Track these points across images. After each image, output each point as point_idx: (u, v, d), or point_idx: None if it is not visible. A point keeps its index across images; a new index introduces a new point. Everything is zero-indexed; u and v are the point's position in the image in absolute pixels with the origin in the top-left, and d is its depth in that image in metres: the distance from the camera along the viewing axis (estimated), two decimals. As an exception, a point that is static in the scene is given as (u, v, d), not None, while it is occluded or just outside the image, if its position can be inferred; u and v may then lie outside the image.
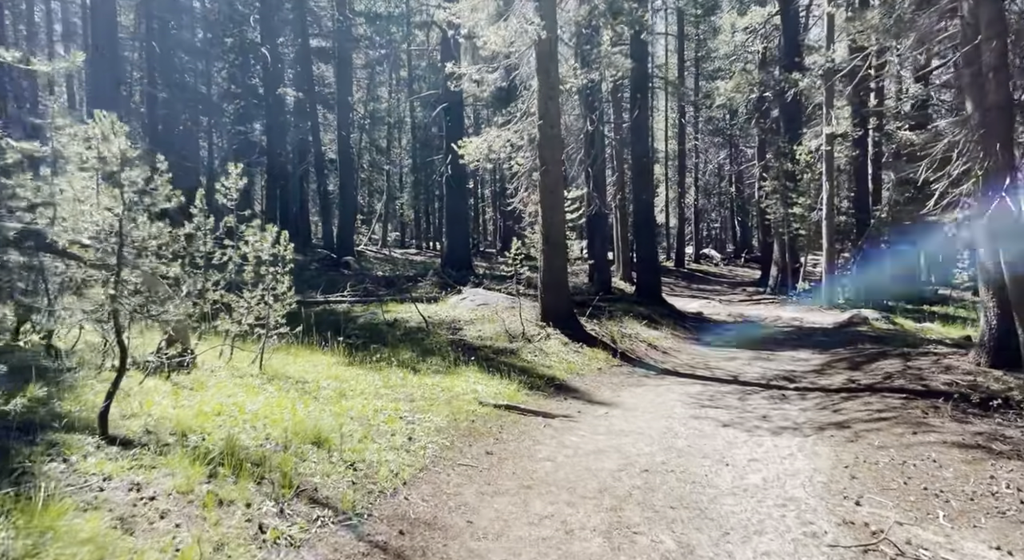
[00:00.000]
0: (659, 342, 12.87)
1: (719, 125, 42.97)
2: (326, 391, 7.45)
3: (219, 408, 5.78)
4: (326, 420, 5.77)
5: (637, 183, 17.59)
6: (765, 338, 14.94)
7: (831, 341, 13.75)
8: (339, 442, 5.29)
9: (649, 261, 17.38)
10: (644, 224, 17.43)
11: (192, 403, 5.91)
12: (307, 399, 6.84)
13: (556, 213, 12.02)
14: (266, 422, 5.62)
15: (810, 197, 20.91)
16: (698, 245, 44.24)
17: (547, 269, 12.03)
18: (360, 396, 7.45)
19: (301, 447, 5.05)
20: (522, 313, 12.21)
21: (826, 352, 12.29)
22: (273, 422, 5.67)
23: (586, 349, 11.26)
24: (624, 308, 15.49)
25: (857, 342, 13.15)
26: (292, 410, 6.17)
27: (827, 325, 16.43)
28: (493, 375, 9.20)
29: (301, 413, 6.15)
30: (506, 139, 12.58)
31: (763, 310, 20.08)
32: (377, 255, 33.69)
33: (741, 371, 10.72)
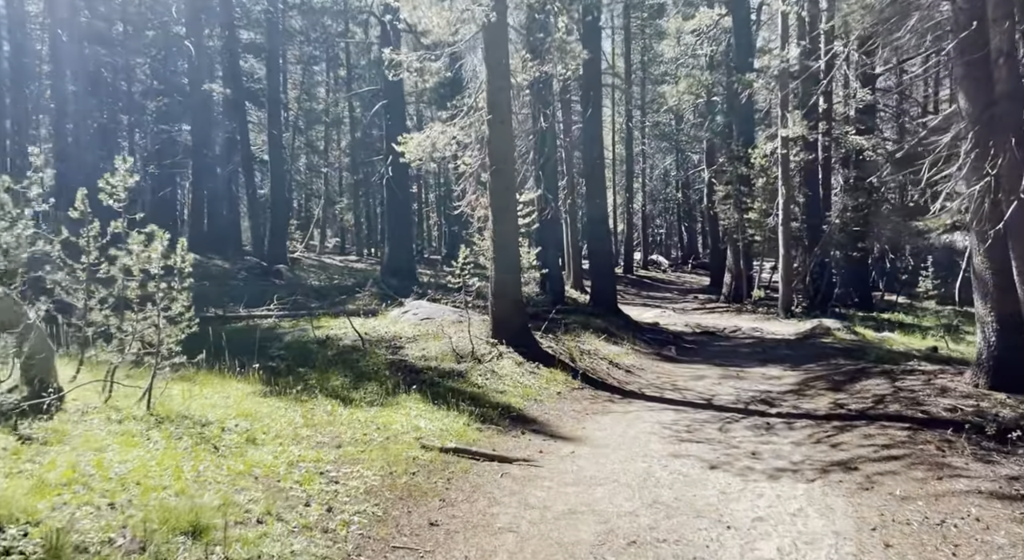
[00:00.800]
0: (621, 359, 11.80)
1: (665, 130, 42.63)
2: (231, 435, 6.04)
3: (71, 474, 4.34)
4: (211, 496, 4.36)
5: (590, 186, 16.58)
6: (728, 351, 14.06)
7: (798, 355, 12.94)
8: (224, 529, 3.89)
9: (604, 269, 16.37)
10: (598, 230, 16.42)
11: (36, 467, 4.45)
12: (202, 450, 5.42)
13: (507, 218, 10.82)
14: (134, 494, 4.22)
15: (765, 202, 20.32)
16: (646, 251, 43.79)
17: (498, 279, 10.82)
18: (274, 441, 6.06)
19: (168, 542, 3.65)
20: (471, 329, 10.97)
21: (798, 368, 11.42)
22: (145, 493, 4.26)
23: (543, 369, 10.07)
24: (581, 320, 14.39)
25: (826, 356, 12.37)
26: (176, 471, 4.76)
27: (789, 336, 15.71)
28: (439, 405, 7.91)
29: (188, 475, 4.75)
30: (451, 136, 11.32)
31: (720, 320, 19.32)
32: (314, 263, 31.86)
33: (713, 392, 9.71)
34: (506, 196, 10.76)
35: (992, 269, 7.70)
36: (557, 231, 17.03)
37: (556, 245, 16.93)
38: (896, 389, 8.33)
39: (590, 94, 16.08)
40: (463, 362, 10.03)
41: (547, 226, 16.01)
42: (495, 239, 10.78)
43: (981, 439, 6.33)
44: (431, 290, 17.28)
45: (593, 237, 16.61)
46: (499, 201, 10.73)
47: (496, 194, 10.72)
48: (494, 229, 10.80)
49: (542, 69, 11.85)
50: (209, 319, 13.52)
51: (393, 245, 19.36)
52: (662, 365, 12.12)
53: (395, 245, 19.37)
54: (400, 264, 18.99)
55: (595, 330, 13.62)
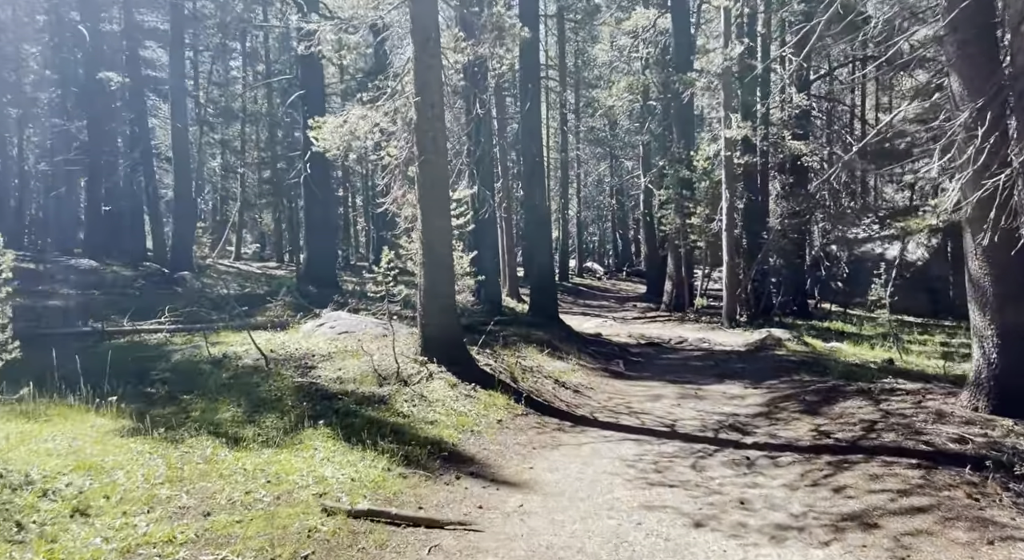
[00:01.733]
0: (567, 377, 10.48)
1: (600, 136, 42.01)
2: (53, 503, 4.38)
3: None
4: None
5: (528, 186, 15.31)
6: (679, 365, 12.99)
7: (754, 369, 11.95)
8: None
9: (544, 276, 15.11)
10: (538, 233, 15.15)
11: None
12: (-5, 536, 3.76)
13: (439, 216, 9.37)
14: None
15: (708, 206, 19.54)
16: (581, 258, 43.02)
17: (429, 287, 9.34)
18: (115, 510, 4.43)
19: None
20: (396, 344, 9.45)
21: (759, 385, 10.38)
22: None
23: (481, 392, 8.63)
24: (520, 332, 13.04)
25: (785, 371, 11.41)
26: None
27: (739, 347, 14.79)
28: (353, 443, 6.38)
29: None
30: (374, 123, 9.78)
31: (664, 330, 18.35)
32: (229, 270, 29.44)
33: (674, 416, 8.50)
34: (437, 191, 9.31)
35: (993, 275, 6.75)
36: (494, 233, 15.66)
37: (493, 249, 15.56)
38: (884, 413, 7.30)
39: (528, 86, 14.81)
40: (386, 385, 8.50)
41: (483, 228, 14.65)
42: (424, 240, 9.30)
43: (1009, 480, 5.28)
44: (354, 300, 15.60)
45: (532, 242, 15.32)
46: (429, 197, 9.27)
47: (426, 188, 9.25)
48: (423, 229, 9.32)
49: (477, 50, 10.47)
50: (85, 335, 11.52)
51: (312, 250, 17.55)
52: (612, 383, 10.87)
53: (315, 250, 17.56)
54: (320, 271, 17.20)
55: (537, 343, 12.28)
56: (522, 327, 13.95)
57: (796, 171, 23.36)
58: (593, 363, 12.21)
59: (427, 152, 9.16)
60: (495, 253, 15.65)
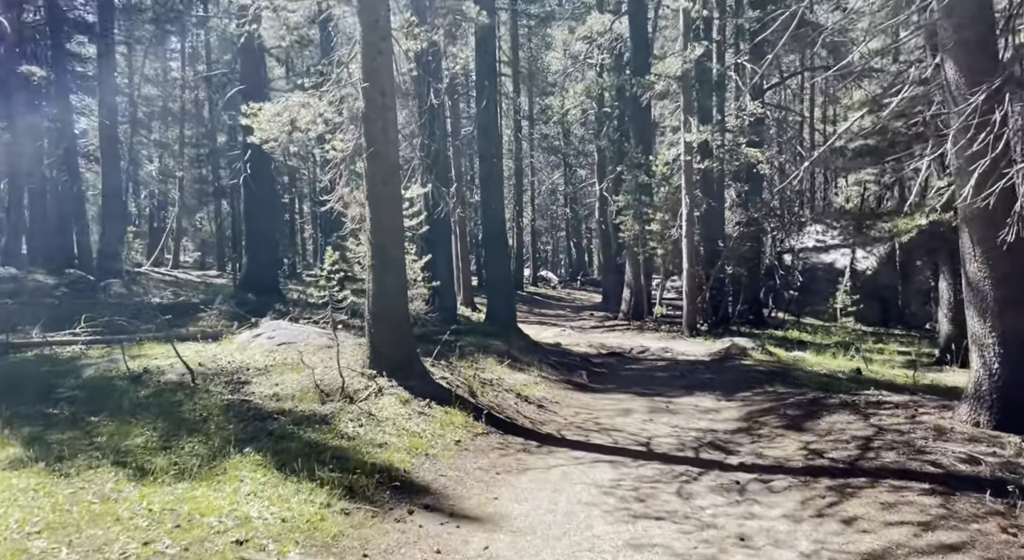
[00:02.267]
0: (530, 390, 9.68)
1: (554, 143, 41.60)
2: None
3: None
4: None
5: (485, 190, 14.54)
6: (644, 376, 12.34)
7: (724, 380, 11.37)
8: None
9: (502, 283, 14.32)
10: (495, 238, 14.37)
11: None
12: None
13: (390, 215, 8.49)
14: None
15: (667, 213, 19.08)
16: (535, 267, 42.45)
17: (379, 294, 8.44)
18: (-34, 575, 3.44)
19: None
20: (342, 356, 8.51)
21: (732, 397, 9.77)
22: None
23: (436, 409, 7.77)
24: (478, 342, 12.20)
25: (756, 381, 10.85)
26: None
27: (703, 357, 14.25)
28: (287, 474, 5.45)
29: None
30: (318, 112, 8.87)
31: (623, 339, 17.76)
32: (165, 278, 27.78)
33: (648, 433, 7.79)
34: (388, 187, 8.43)
35: (994, 278, 6.25)
36: (448, 237, 14.81)
37: (447, 254, 14.71)
38: (878, 430, 6.71)
39: (484, 84, 14.06)
40: (329, 402, 7.56)
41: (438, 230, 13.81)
42: (374, 241, 8.40)
43: (1036, 506, 4.69)
44: (297, 309, 14.52)
45: (489, 247, 14.54)
46: (379, 193, 8.38)
47: (375, 184, 8.36)
48: (372, 229, 8.42)
49: (431, 37, 9.67)
50: (-14, 348, 10.20)
51: (253, 255, 16.38)
52: (577, 396, 10.12)
53: (255, 255, 16.39)
54: (261, 278, 16.03)
55: (496, 354, 11.46)
56: (479, 337, 13.12)
57: (751, 179, 23.21)
58: (555, 375, 11.45)
59: (377, 143, 8.28)
60: (449, 258, 14.80)
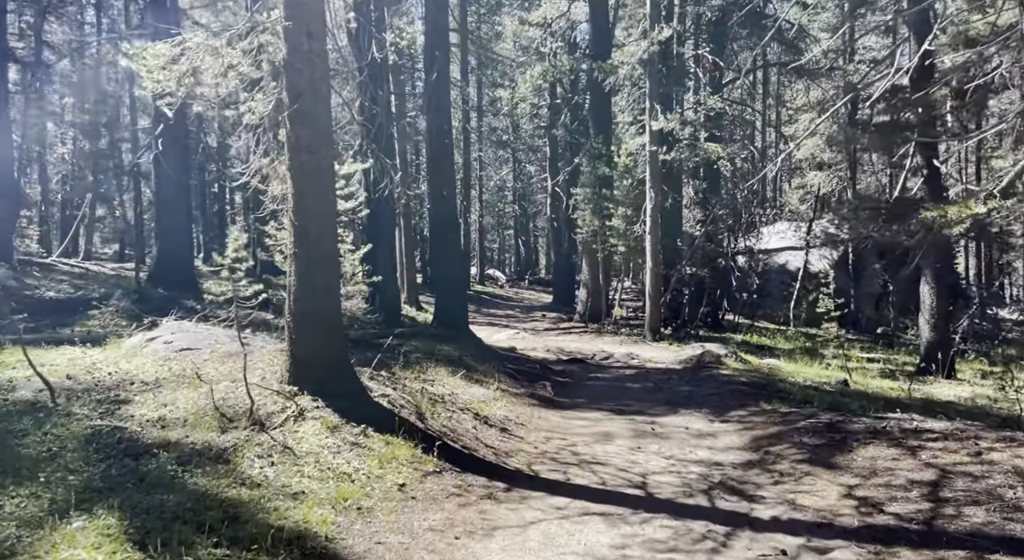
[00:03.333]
0: (490, 408, 8.05)
1: (503, 138, 40.03)
2: None
3: None
4: None
5: (435, 175, 12.84)
6: (615, 388, 10.88)
7: (706, 393, 10.00)
8: None
9: (453, 281, 12.63)
10: (445, 228, 12.68)
11: None
12: None
13: (319, 192, 6.75)
14: None
15: (630, 207, 17.75)
16: (482, 266, 40.82)
17: (303, 290, 6.68)
18: None
19: None
20: (256, 367, 6.76)
21: (726, 417, 8.38)
22: None
23: (374, 437, 6.07)
24: (425, 348, 10.53)
25: (744, 397, 9.53)
26: None
27: (674, 365, 12.91)
28: (154, 545, 3.70)
29: None
30: (228, 63, 7.03)
31: (583, 343, 16.32)
32: (74, 269, 25.01)
33: (640, 467, 6.28)
34: (316, 157, 6.68)
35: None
36: (391, 226, 13.05)
37: (390, 246, 12.95)
38: (939, 472, 5.34)
39: (435, 54, 12.34)
40: (233, 430, 5.79)
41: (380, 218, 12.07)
42: (297, 224, 6.64)
43: None
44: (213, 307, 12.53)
45: (438, 239, 12.83)
46: (304, 164, 6.62)
47: (299, 152, 6.60)
48: (295, 209, 6.65)
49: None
50: None
51: (164, 245, 14.23)
52: (545, 414, 8.55)
53: (167, 245, 14.24)
54: (173, 271, 13.89)
55: (447, 362, 9.81)
56: (427, 341, 11.42)
57: (708, 176, 22.18)
58: (517, 387, 9.85)
59: (302, 100, 6.52)
60: (392, 251, 13.04)
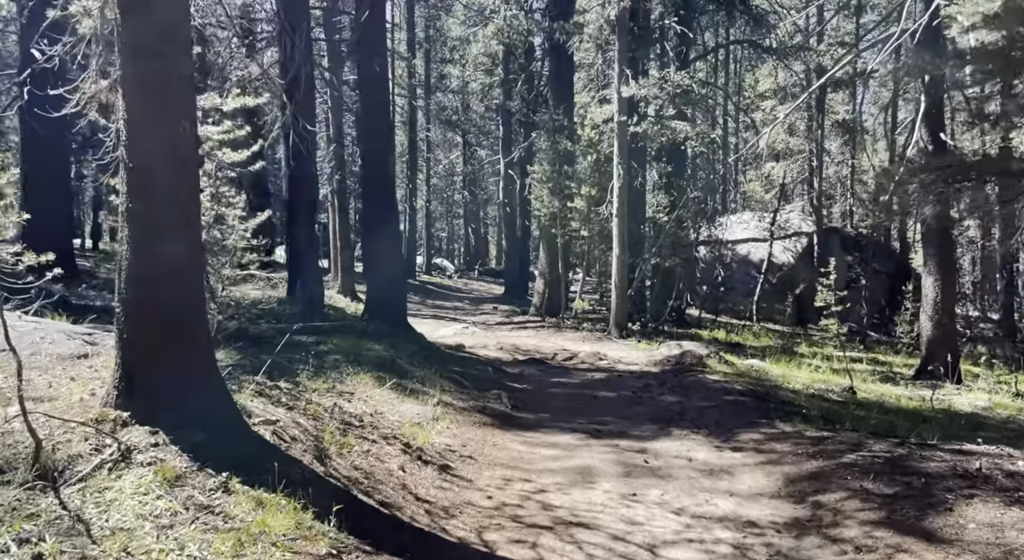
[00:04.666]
0: (427, 435, 5.87)
1: (452, 118, 37.62)
2: None
3: None
4: None
5: (367, 131, 10.58)
6: (586, 396, 8.85)
7: (699, 406, 8.07)
8: None
9: (388, 265, 10.37)
10: (380, 208, 10.44)
11: None
12: None
13: (168, 121, 4.47)
14: None
15: (595, 186, 15.76)
16: (429, 255, 38.41)
17: (140, 267, 4.43)
18: None
19: None
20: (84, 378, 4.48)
21: (738, 442, 6.42)
22: None
23: (239, 493, 3.86)
24: (348, 347, 8.30)
25: (749, 411, 7.65)
26: None
27: (651, 367, 11.00)
28: None
29: None
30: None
31: (541, 340, 14.29)
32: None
33: (644, 535, 4.23)
34: (165, 66, 4.41)
35: None
36: (314, 200, 10.73)
37: (311, 222, 10.63)
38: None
39: (370, -11, 10.05)
40: (3, 489, 3.53)
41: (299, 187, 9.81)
42: (133, 165, 4.38)
43: None
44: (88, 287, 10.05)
45: (372, 213, 10.57)
46: (146, 75, 4.35)
47: (138, 57, 4.33)
48: (131, 143, 4.39)
49: None
50: None
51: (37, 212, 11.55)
52: (501, 439, 6.44)
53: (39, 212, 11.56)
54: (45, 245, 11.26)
55: (374, 367, 7.61)
56: (353, 338, 9.18)
57: (674, 158, 20.40)
58: (464, 399, 7.70)
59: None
60: (313, 232, 10.73)
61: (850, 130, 30.72)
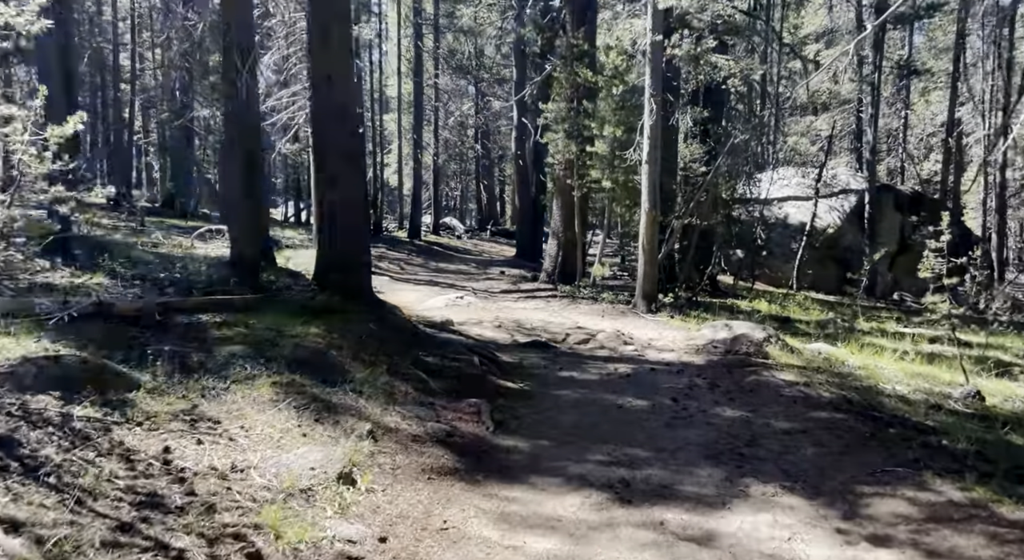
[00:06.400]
0: (312, 520, 3.22)
1: (463, 63, 34.36)
2: None
3: None
4: None
5: (319, 47, 7.77)
6: (607, 407, 6.13)
7: (779, 431, 5.34)
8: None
9: (346, 217, 7.61)
10: (334, 135, 7.69)
11: None
12: None
13: None
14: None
15: (620, 127, 12.81)
16: (437, 214, 35.48)
17: None
18: None
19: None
20: None
21: (879, 532, 3.70)
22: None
23: None
24: (260, 329, 5.66)
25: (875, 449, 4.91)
26: None
27: (693, 357, 8.25)
28: None
29: None
30: None
31: (550, 314, 11.57)
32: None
33: None
34: None
35: None
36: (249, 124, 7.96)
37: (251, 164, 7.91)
38: None
39: None
40: None
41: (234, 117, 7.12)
42: None
43: None
44: None
45: (323, 149, 7.80)
46: None
47: None
48: None
49: None
50: None
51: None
52: (461, 513, 3.72)
53: None
54: None
55: (287, 364, 4.95)
56: (282, 315, 6.53)
57: (712, 101, 17.29)
58: (418, 416, 4.97)
59: None
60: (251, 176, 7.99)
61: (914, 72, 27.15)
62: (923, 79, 31.83)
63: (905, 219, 24.36)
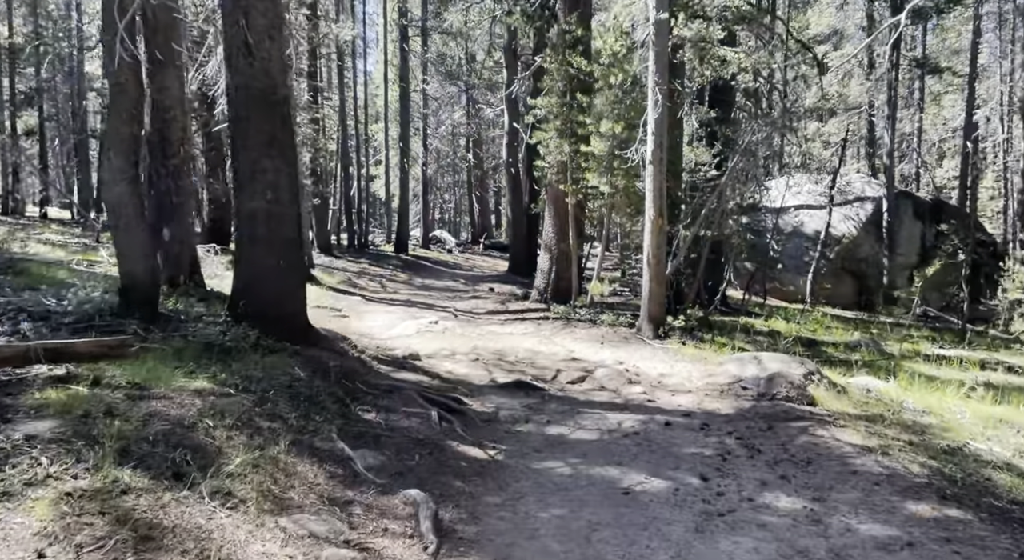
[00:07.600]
0: None
1: (452, 69, 32.70)
2: None
3: None
4: None
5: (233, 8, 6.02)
6: (607, 499, 4.30)
7: (861, 545, 3.51)
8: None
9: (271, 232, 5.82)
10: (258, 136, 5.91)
11: None
12: None
13: None
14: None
15: (619, 123, 11.04)
16: (426, 227, 33.72)
17: None
18: None
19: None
20: None
21: None
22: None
23: None
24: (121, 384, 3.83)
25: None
26: None
27: (717, 402, 6.43)
28: None
29: None
30: None
31: (539, 341, 9.75)
32: None
33: None
34: None
35: None
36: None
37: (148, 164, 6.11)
38: None
39: None
40: None
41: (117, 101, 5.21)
42: None
43: None
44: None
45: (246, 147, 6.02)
46: None
47: None
48: None
49: None
50: None
51: None
52: None
53: None
54: None
55: (136, 453, 3.14)
56: (172, 359, 4.73)
57: (720, 100, 15.58)
58: (312, 537, 3.15)
59: None
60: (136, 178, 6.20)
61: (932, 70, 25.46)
62: (937, 81, 30.22)
63: (926, 228, 22.63)
